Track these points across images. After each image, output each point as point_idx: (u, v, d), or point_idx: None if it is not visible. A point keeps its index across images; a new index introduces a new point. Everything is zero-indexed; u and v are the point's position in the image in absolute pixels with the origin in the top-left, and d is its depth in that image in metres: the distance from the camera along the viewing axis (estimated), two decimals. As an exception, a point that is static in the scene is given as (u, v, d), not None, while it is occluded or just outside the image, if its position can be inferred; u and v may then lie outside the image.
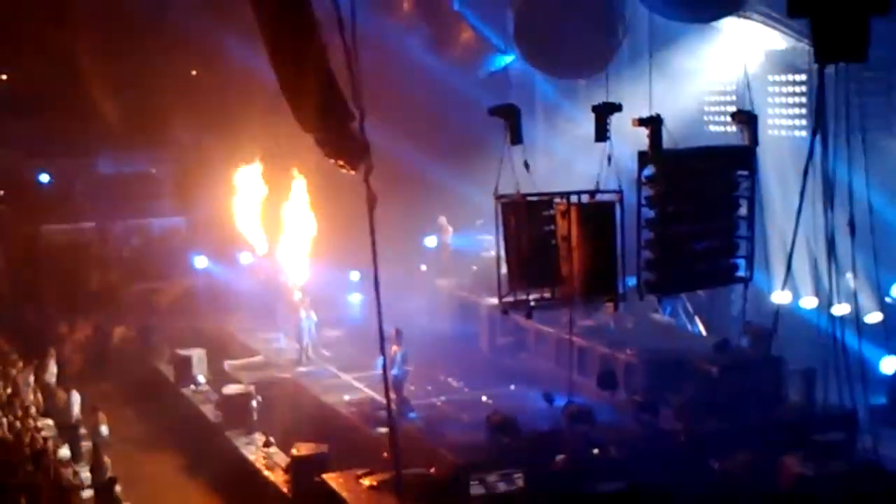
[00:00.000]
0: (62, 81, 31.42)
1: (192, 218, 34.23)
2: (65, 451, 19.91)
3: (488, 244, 26.01)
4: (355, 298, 28.12)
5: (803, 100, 23.07)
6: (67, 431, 21.04)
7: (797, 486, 15.93)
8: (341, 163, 14.21)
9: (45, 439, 19.33)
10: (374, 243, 13.94)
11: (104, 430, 21.12)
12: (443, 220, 28.97)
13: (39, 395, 22.44)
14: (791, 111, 23.37)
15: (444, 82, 28.10)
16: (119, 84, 31.84)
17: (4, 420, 19.28)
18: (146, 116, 32.55)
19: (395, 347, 20.22)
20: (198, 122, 32.79)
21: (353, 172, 14.09)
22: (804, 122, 22.63)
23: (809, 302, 22.48)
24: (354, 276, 27.88)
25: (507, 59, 27.43)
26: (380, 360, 17.12)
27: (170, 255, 32.47)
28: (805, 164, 14.82)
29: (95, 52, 31.08)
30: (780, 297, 20.12)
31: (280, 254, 26.53)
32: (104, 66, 31.21)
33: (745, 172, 17.69)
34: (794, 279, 21.08)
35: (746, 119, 17.76)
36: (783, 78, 23.49)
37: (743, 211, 17.84)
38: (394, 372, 20.06)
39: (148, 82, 32.11)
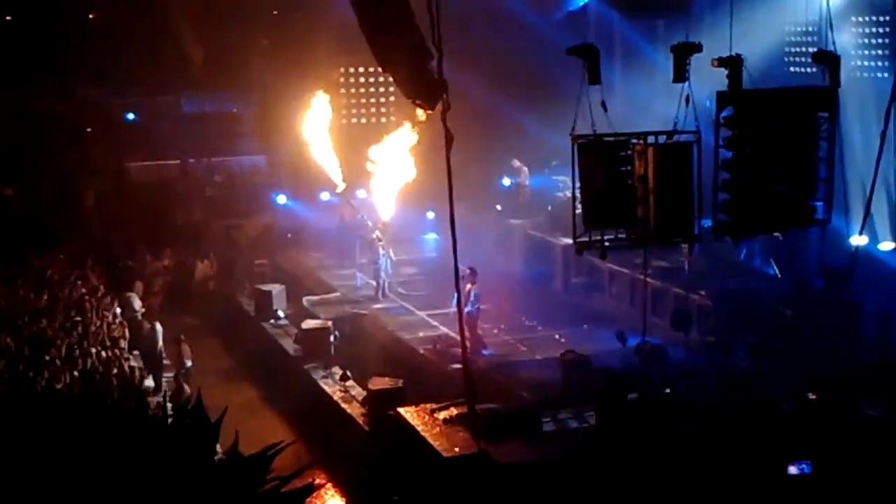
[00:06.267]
0: (148, 21, 31.88)
1: (273, 156, 34.67)
2: (149, 382, 20.52)
3: (563, 185, 26.08)
4: (431, 237, 28.37)
5: (886, 41, 22.61)
6: (152, 363, 21.61)
7: (870, 429, 15.91)
8: (419, 101, 14.38)
9: (131, 370, 19.89)
10: (450, 182, 14.11)
11: (188, 361, 21.62)
12: (516, 162, 28.90)
13: (125, 327, 23.04)
14: (873, 52, 22.92)
15: (523, 22, 27.97)
16: (202, 24, 32.23)
17: (93, 350, 19.86)
18: (229, 56, 32.96)
19: (469, 286, 20.43)
20: (279, 61, 33.10)
21: (430, 111, 14.25)
22: (887, 63, 22.21)
23: (887, 245, 22.20)
24: (430, 214, 28.10)
25: (587, -2, 27.26)
26: (454, 298, 17.45)
27: (251, 193, 33.01)
28: (887, 106, 14.67)
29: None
30: (857, 240, 19.90)
31: (360, 192, 26.73)
32: (188, 6, 31.58)
33: (826, 114, 17.49)
34: (873, 222, 20.80)
35: (828, 60, 17.52)
36: (866, 19, 23.00)
37: (822, 153, 17.68)
38: (468, 309, 20.29)
39: (230, 22, 32.44)
